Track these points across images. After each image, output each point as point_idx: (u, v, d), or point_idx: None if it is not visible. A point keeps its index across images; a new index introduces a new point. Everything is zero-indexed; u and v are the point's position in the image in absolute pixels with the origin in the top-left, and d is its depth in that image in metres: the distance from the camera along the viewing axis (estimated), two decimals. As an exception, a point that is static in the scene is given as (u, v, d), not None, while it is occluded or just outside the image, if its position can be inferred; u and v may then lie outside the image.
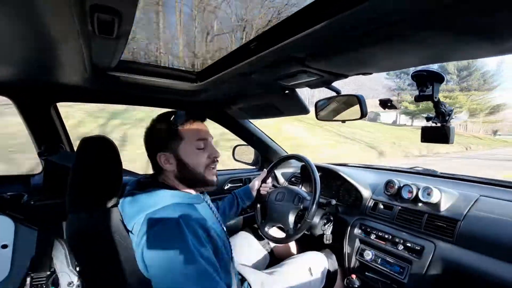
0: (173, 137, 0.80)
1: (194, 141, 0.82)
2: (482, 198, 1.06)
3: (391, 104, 0.93)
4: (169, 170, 0.82)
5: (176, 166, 0.82)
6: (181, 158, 0.81)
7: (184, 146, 0.81)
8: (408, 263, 1.04)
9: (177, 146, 0.80)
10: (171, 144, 0.80)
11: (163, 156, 0.80)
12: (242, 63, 0.81)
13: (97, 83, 1.04)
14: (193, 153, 0.82)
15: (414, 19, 0.47)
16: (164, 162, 0.81)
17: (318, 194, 1.17)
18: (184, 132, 0.81)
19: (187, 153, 0.81)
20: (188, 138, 0.81)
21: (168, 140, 0.80)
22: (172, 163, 0.81)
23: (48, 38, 0.60)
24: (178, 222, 0.69)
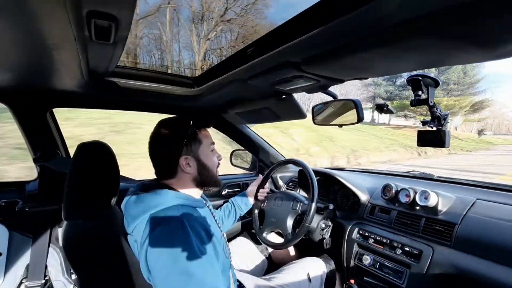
0: (194, 141, 0.84)
1: (209, 144, 0.88)
2: (479, 201, 1.07)
3: (387, 109, 0.94)
4: (189, 173, 0.84)
5: (197, 168, 0.85)
6: (201, 160, 0.85)
7: (203, 148, 0.86)
8: (407, 268, 1.03)
9: (197, 149, 0.84)
10: (192, 147, 0.83)
11: (185, 159, 0.82)
12: (239, 68, 0.82)
13: (94, 89, 1.04)
14: (210, 155, 0.89)
15: (408, 26, 0.47)
16: (185, 165, 0.82)
17: (316, 198, 1.17)
18: (202, 136, 0.86)
19: (206, 155, 0.87)
20: (205, 141, 0.87)
21: (190, 143, 0.83)
22: (192, 166, 0.83)
23: (45, 43, 0.60)
24: (182, 222, 0.70)
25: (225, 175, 1.97)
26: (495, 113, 50.61)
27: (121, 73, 0.98)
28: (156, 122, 0.86)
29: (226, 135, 1.78)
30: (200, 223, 0.75)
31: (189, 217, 0.74)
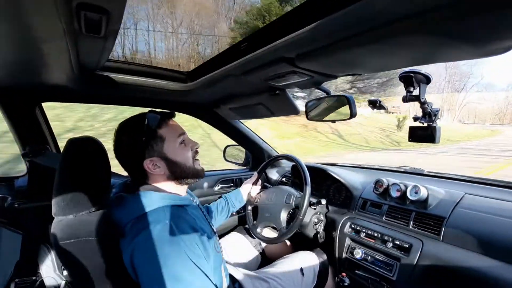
0: (154, 140, 0.77)
1: (175, 138, 0.81)
2: (467, 196, 1.09)
3: (379, 105, 0.95)
4: (158, 174, 0.80)
5: (166, 167, 0.80)
6: (168, 158, 0.79)
7: (168, 145, 0.79)
8: (397, 260, 1.06)
9: (162, 148, 0.78)
10: (154, 147, 0.77)
11: (150, 162, 0.77)
12: (232, 63, 0.81)
13: (85, 83, 1.02)
14: (178, 149, 0.81)
15: (401, 22, 0.48)
16: (152, 168, 0.78)
17: (309, 191, 1.18)
18: (163, 132, 0.79)
19: (174, 152, 0.80)
20: (169, 136, 0.80)
21: (150, 144, 0.77)
22: (160, 166, 0.79)
23: (33, 37, 0.58)
24: (168, 225, 0.68)
25: (218, 170, 1.97)
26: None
27: (112, 67, 0.96)
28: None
29: (219, 130, 1.78)
30: (187, 223, 0.73)
31: (176, 218, 0.71)
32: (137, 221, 0.70)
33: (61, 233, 0.69)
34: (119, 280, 0.72)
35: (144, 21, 15.03)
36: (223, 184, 1.81)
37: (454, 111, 50.78)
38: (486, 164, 10.00)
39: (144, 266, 0.65)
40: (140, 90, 1.13)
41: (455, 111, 50.74)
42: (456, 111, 50.59)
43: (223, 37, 9.79)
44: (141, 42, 13.89)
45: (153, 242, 0.65)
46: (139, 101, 1.37)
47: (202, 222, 0.83)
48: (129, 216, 0.72)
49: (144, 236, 0.66)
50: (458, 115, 51.30)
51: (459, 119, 53.53)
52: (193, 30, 13.01)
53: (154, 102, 1.39)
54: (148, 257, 0.64)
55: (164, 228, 0.67)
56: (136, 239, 0.67)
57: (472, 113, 66.66)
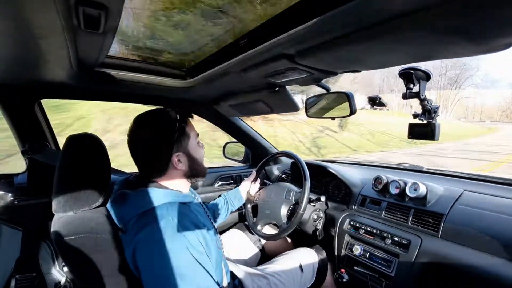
0: (183, 136, 0.81)
1: (195, 137, 0.86)
2: (466, 192, 1.10)
3: (379, 102, 0.95)
4: (181, 169, 0.82)
5: (188, 164, 0.83)
6: (191, 155, 0.84)
7: (191, 142, 0.84)
8: (396, 257, 1.06)
9: (187, 144, 0.82)
10: (182, 143, 0.81)
11: (177, 156, 0.80)
12: (232, 60, 0.81)
13: (84, 80, 1.02)
14: (197, 148, 0.87)
15: (402, 19, 0.47)
16: (177, 163, 0.80)
17: (308, 185, 1.19)
18: (188, 130, 0.83)
19: (195, 149, 0.85)
20: (192, 135, 0.84)
21: (179, 139, 0.80)
22: (183, 162, 0.81)
23: (31, 33, 0.58)
24: (171, 221, 0.68)
25: (218, 167, 1.97)
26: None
27: (111, 63, 0.96)
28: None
29: (219, 127, 1.78)
30: (190, 220, 0.74)
31: (179, 215, 0.72)
32: (140, 217, 0.71)
33: (62, 230, 0.69)
34: (120, 276, 0.72)
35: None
36: (222, 181, 1.81)
37: (449, 108, 50.17)
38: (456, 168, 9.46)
39: (146, 262, 0.65)
40: (140, 86, 1.13)
41: (449, 107, 50.12)
42: (449, 108, 49.96)
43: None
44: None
45: (156, 238, 0.66)
46: (139, 98, 1.36)
47: (204, 219, 0.83)
48: (132, 212, 0.72)
49: (147, 232, 0.67)
50: (451, 112, 50.59)
51: (458, 116, 53.15)
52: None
53: (153, 98, 1.39)
54: (150, 253, 0.65)
55: (167, 225, 0.68)
56: (139, 235, 0.67)
57: (479, 110, 65.62)
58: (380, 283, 1.09)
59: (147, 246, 0.66)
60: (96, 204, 0.75)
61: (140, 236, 0.67)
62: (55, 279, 1.26)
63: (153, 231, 0.67)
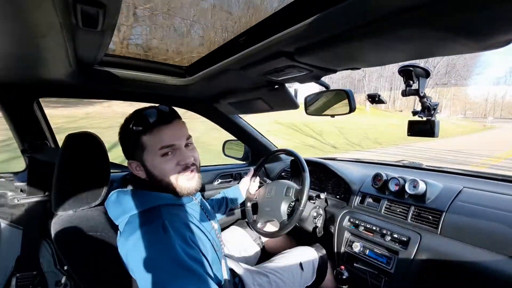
0: (136, 146, 0.74)
1: (157, 150, 0.73)
2: (466, 189, 1.10)
3: (378, 99, 0.95)
4: (142, 177, 0.78)
5: (146, 175, 0.77)
6: (147, 168, 0.75)
7: (147, 155, 0.74)
8: (395, 254, 1.07)
9: (141, 156, 0.74)
10: (136, 152, 0.75)
11: (133, 164, 0.76)
12: (231, 58, 0.81)
13: (83, 78, 1.01)
14: (158, 162, 0.74)
15: (401, 16, 0.47)
16: (136, 169, 0.77)
17: (308, 181, 1.19)
18: (146, 140, 0.73)
19: (152, 163, 0.75)
20: (151, 146, 0.73)
21: (133, 148, 0.75)
22: (142, 171, 0.77)
23: (29, 31, 0.58)
24: (163, 225, 0.67)
25: (217, 165, 1.97)
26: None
27: (110, 62, 0.95)
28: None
29: (218, 125, 1.77)
30: (184, 223, 0.72)
31: (172, 218, 0.70)
32: (131, 220, 0.70)
33: (61, 229, 0.70)
34: (119, 274, 0.72)
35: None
36: (222, 178, 1.82)
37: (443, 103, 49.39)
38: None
39: (139, 266, 0.63)
40: (139, 84, 1.13)
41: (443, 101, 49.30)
42: (443, 102, 49.18)
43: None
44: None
45: (146, 242, 0.64)
46: (138, 96, 1.36)
47: (200, 219, 0.82)
48: (124, 214, 0.71)
49: (138, 235, 0.66)
50: (443, 107, 49.72)
51: (456, 112, 52.56)
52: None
53: (152, 96, 1.38)
54: (142, 257, 0.63)
55: (158, 228, 0.66)
56: (130, 238, 0.66)
57: (499, 106, 63.28)
58: (379, 279, 1.09)
59: (138, 250, 0.64)
60: (95, 203, 0.75)
61: (132, 238, 0.66)
62: (55, 277, 1.26)
63: (144, 235, 0.65)
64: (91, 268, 0.72)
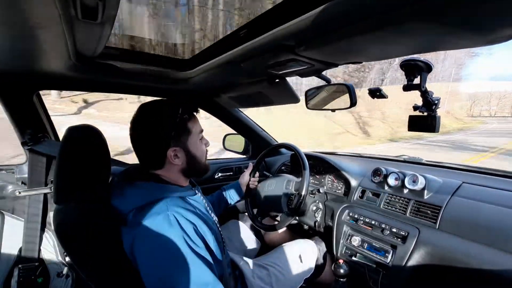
0: (183, 131, 0.79)
1: (197, 134, 0.84)
2: (465, 184, 1.10)
3: (380, 93, 0.94)
4: (177, 164, 0.80)
5: (186, 159, 0.81)
6: (190, 151, 0.82)
7: (191, 139, 0.81)
8: (394, 248, 1.07)
9: (186, 140, 0.80)
10: (181, 138, 0.79)
11: (173, 151, 0.78)
12: (232, 51, 0.80)
13: (83, 71, 1.01)
14: (198, 145, 0.84)
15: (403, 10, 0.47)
16: (173, 157, 0.78)
17: (307, 174, 1.20)
18: (191, 125, 0.81)
19: (195, 146, 0.83)
20: (194, 130, 0.82)
21: (179, 134, 0.78)
22: (180, 157, 0.80)
23: (29, 23, 0.57)
24: (169, 217, 0.68)
25: (218, 159, 1.97)
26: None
27: (110, 54, 0.94)
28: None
29: (218, 119, 1.77)
30: (189, 214, 0.73)
31: (177, 209, 0.71)
32: (138, 211, 0.70)
33: (62, 221, 0.70)
34: (120, 267, 0.73)
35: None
36: (222, 172, 1.82)
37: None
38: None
39: (144, 255, 0.65)
40: (139, 77, 1.12)
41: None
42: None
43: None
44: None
45: (153, 233, 0.65)
46: (138, 89, 1.36)
47: (203, 213, 0.83)
48: (130, 205, 0.72)
49: (144, 226, 0.67)
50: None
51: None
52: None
53: (152, 89, 1.38)
54: (148, 247, 0.64)
55: (165, 219, 0.67)
56: (136, 229, 0.67)
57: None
58: (378, 273, 1.10)
59: (145, 241, 0.65)
60: (96, 195, 0.75)
61: (138, 229, 0.67)
62: (57, 268, 1.27)
63: (151, 226, 0.66)
64: (93, 259, 0.73)
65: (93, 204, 0.74)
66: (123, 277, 0.73)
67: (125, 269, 0.72)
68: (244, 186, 1.38)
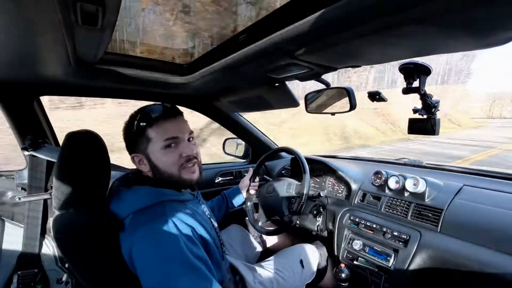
0: (141, 138, 0.77)
1: (162, 141, 0.77)
2: (466, 187, 1.10)
3: (379, 97, 0.94)
4: (144, 170, 0.80)
5: (149, 168, 0.79)
6: (151, 160, 0.78)
7: (152, 147, 0.77)
8: (395, 251, 1.07)
9: (146, 148, 0.77)
10: (140, 145, 0.78)
11: (136, 157, 0.79)
12: (231, 55, 0.80)
13: (83, 76, 1.01)
14: (162, 154, 0.77)
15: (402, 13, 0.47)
16: (139, 163, 0.79)
17: (308, 178, 1.19)
18: (151, 132, 0.76)
19: (156, 155, 0.78)
20: (156, 138, 0.77)
21: (137, 141, 0.78)
22: (145, 164, 0.79)
23: (29, 29, 0.58)
24: (168, 221, 0.67)
25: (218, 163, 1.97)
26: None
27: (110, 59, 0.95)
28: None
29: (218, 123, 1.77)
30: (186, 219, 0.72)
31: (175, 213, 0.71)
32: (135, 216, 0.70)
33: (62, 227, 0.70)
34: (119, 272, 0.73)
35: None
36: (223, 177, 1.82)
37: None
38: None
39: (142, 261, 0.64)
40: (139, 83, 1.12)
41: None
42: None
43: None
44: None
45: (151, 237, 0.65)
46: (138, 94, 1.36)
47: (202, 217, 0.82)
48: (127, 210, 0.72)
49: (142, 231, 0.66)
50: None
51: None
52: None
53: (152, 95, 1.38)
54: (146, 253, 0.64)
55: (162, 224, 0.67)
56: (135, 234, 0.66)
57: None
58: (379, 277, 1.09)
59: (143, 246, 0.65)
60: (95, 201, 0.75)
61: (136, 235, 0.66)
62: (56, 274, 1.26)
63: (148, 231, 0.66)
64: (92, 266, 0.72)
65: (93, 209, 0.74)
66: (122, 282, 0.73)
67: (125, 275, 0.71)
68: (244, 191, 1.37)
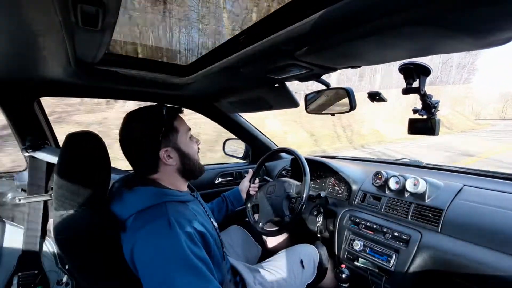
0: (171, 131, 0.80)
1: (186, 132, 0.84)
2: (466, 187, 1.10)
3: (379, 97, 0.94)
4: (172, 164, 0.81)
5: (179, 159, 0.82)
6: (181, 149, 0.82)
7: (181, 137, 0.82)
8: (396, 252, 1.07)
9: (176, 139, 0.81)
10: (170, 137, 0.80)
11: (165, 152, 0.79)
12: (231, 56, 0.80)
13: (83, 77, 1.01)
14: (188, 143, 0.85)
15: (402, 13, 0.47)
16: (167, 158, 0.79)
17: (308, 178, 1.19)
18: (177, 124, 0.82)
19: (185, 144, 0.84)
20: (181, 129, 0.83)
21: (167, 134, 0.79)
22: (173, 157, 0.80)
23: (29, 30, 0.58)
24: (169, 221, 0.67)
25: (218, 164, 1.97)
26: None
27: (110, 60, 0.95)
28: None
29: (218, 124, 1.77)
30: (188, 219, 0.72)
31: (177, 214, 0.71)
32: (137, 216, 0.70)
33: (62, 228, 0.70)
34: (120, 273, 0.73)
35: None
36: (223, 177, 1.81)
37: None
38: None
39: (143, 261, 0.64)
40: (139, 83, 1.13)
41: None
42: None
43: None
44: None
45: (153, 237, 0.65)
46: (138, 95, 1.36)
47: (203, 218, 0.83)
48: (129, 211, 0.72)
49: (144, 232, 0.66)
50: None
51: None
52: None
53: (152, 95, 1.38)
54: (148, 253, 0.64)
55: (164, 224, 0.67)
56: (136, 234, 0.67)
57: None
58: (380, 278, 1.09)
59: (144, 246, 0.65)
60: (96, 202, 0.75)
61: (138, 235, 0.66)
62: (56, 276, 1.26)
63: (150, 231, 0.66)
64: (92, 267, 0.72)
65: (94, 210, 0.74)
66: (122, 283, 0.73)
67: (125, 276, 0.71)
68: (244, 193, 1.37)
